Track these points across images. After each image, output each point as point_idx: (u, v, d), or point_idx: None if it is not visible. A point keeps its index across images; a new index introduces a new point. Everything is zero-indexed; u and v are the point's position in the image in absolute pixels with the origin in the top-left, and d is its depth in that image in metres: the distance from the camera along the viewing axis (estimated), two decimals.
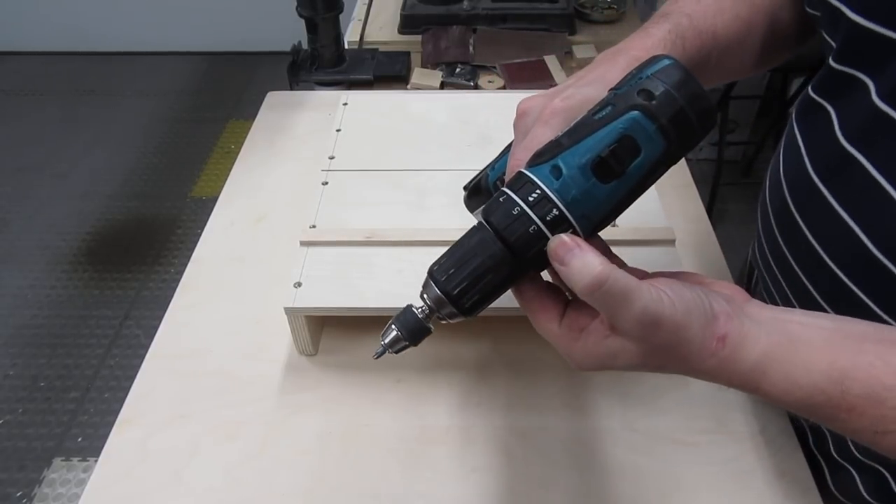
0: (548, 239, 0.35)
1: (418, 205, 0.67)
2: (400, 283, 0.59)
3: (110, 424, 0.59)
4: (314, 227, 0.65)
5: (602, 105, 0.36)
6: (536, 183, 0.35)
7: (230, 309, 0.68)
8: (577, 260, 0.34)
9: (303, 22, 1.01)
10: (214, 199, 0.81)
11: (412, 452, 0.56)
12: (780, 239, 0.55)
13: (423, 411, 0.59)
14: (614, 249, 0.62)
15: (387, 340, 0.41)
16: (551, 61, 1.08)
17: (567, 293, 0.39)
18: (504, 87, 1.04)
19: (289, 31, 1.31)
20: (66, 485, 1.49)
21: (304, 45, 1.06)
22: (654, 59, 0.35)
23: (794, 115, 0.53)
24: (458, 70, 1.06)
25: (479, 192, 0.51)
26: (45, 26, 2.93)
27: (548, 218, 0.35)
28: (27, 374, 1.71)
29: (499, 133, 0.77)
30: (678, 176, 0.83)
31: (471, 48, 1.10)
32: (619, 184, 0.35)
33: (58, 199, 2.25)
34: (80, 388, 1.68)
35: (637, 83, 0.35)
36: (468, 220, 0.64)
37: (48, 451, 1.55)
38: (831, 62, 0.47)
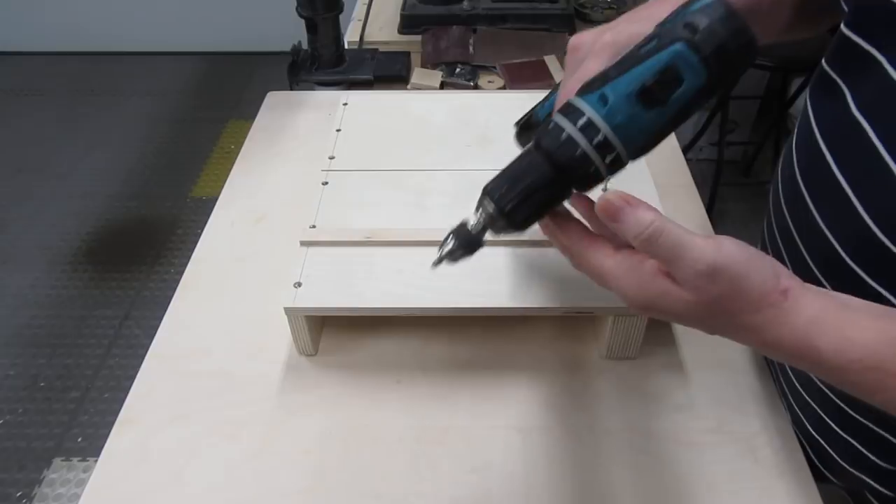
0: (594, 163, 0.38)
1: (418, 205, 0.67)
2: (400, 283, 0.59)
3: (110, 424, 0.59)
4: (314, 227, 0.65)
5: (648, 39, 0.38)
6: (584, 109, 0.38)
7: (230, 309, 0.68)
8: (629, 216, 0.37)
9: (303, 22, 1.01)
10: (214, 199, 0.81)
11: (412, 452, 0.56)
12: (784, 209, 0.55)
13: (423, 411, 0.59)
14: None
15: (445, 251, 0.44)
16: (551, 61, 1.07)
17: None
18: (504, 87, 1.04)
19: (289, 31, 1.31)
20: (66, 485, 1.49)
21: (304, 45, 1.06)
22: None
23: (808, 88, 0.54)
24: (458, 70, 1.06)
25: (529, 128, 0.53)
26: (45, 26, 2.93)
27: (594, 142, 0.38)
28: (27, 374, 1.71)
29: (499, 133, 0.77)
30: (678, 176, 0.83)
31: (471, 48, 1.10)
32: (662, 111, 0.38)
33: (58, 199, 2.25)
34: (80, 388, 1.68)
35: (682, 18, 0.37)
36: None
37: (48, 451, 1.55)
38: (843, 28, 0.47)
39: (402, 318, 0.65)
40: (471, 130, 0.77)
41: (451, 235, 0.43)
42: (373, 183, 0.70)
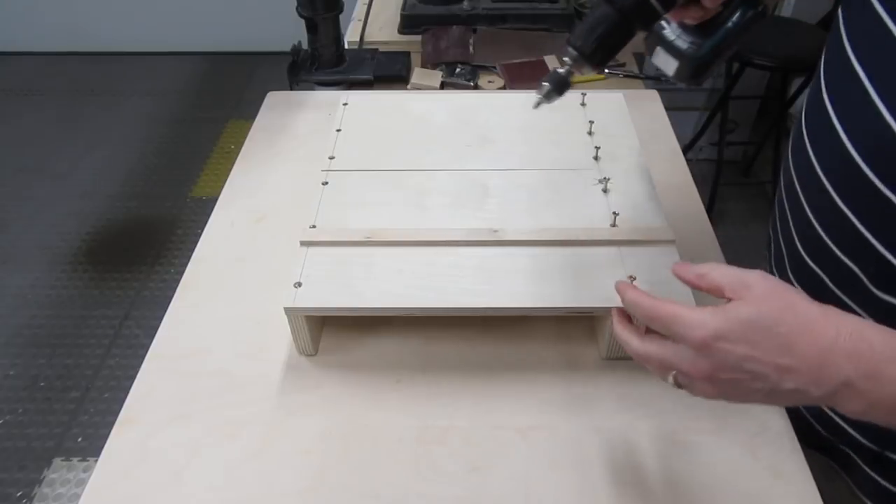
0: (649, 3, 0.46)
1: (418, 205, 0.67)
2: (400, 283, 0.59)
3: (110, 424, 0.59)
4: (314, 227, 0.65)
5: None
6: None
7: (230, 309, 0.68)
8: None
9: (303, 22, 1.01)
10: (214, 199, 0.81)
11: (412, 452, 0.56)
12: (790, 160, 0.58)
13: (423, 411, 0.59)
14: (615, 249, 0.63)
15: (543, 93, 0.52)
16: (551, 61, 1.08)
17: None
18: (504, 87, 1.04)
19: (289, 31, 1.31)
20: (66, 485, 1.49)
21: (304, 45, 1.06)
22: None
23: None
24: (458, 70, 1.06)
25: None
26: (45, 26, 2.93)
27: None
28: (27, 374, 1.71)
29: (499, 133, 0.77)
30: (678, 176, 0.83)
31: (471, 48, 1.10)
32: None
33: (58, 199, 2.25)
34: (80, 388, 1.68)
35: None
36: (467, 221, 0.64)
37: (48, 451, 1.55)
38: None
39: (402, 318, 0.65)
40: (471, 130, 0.77)
41: (544, 81, 0.52)
42: (373, 183, 0.70)
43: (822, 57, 0.56)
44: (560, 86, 0.51)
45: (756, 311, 0.41)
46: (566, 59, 0.51)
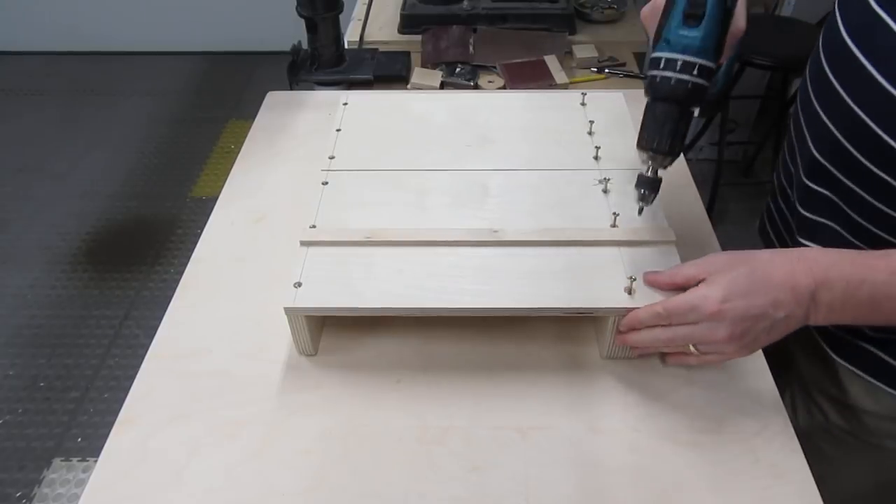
0: (689, 80, 0.51)
1: (418, 205, 0.67)
2: (400, 283, 0.59)
3: (110, 424, 0.59)
4: (314, 227, 0.65)
5: None
6: (660, 55, 0.52)
7: (230, 309, 0.68)
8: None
9: (303, 22, 1.01)
10: (214, 199, 0.81)
11: (412, 452, 0.56)
12: (811, 92, 0.62)
13: (423, 411, 0.59)
14: (615, 249, 0.63)
15: (639, 200, 0.58)
16: (551, 61, 1.08)
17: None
18: (504, 87, 1.04)
19: (289, 31, 1.31)
20: (65, 485, 1.49)
21: (304, 45, 1.06)
22: None
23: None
24: (458, 70, 1.06)
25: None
26: (45, 26, 2.93)
27: (678, 68, 0.51)
28: (27, 374, 1.71)
29: (499, 133, 0.77)
30: (678, 176, 0.83)
31: (471, 48, 1.10)
32: (708, 19, 0.50)
33: (58, 199, 2.25)
34: (80, 388, 1.68)
35: None
36: (468, 221, 0.64)
37: (48, 451, 1.55)
38: None
39: (402, 318, 0.65)
40: (471, 130, 0.77)
41: (637, 187, 0.57)
42: (373, 183, 0.70)
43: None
44: (654, 186, 0.56)
45: (733, 270, 0.51)
46: (647, 160, 0.55)
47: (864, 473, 0.68)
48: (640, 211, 0.59)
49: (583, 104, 0.81)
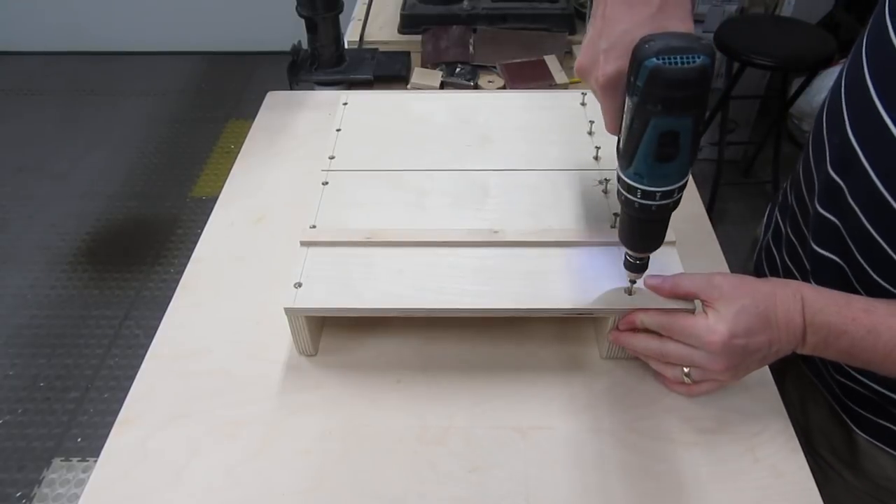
0: (674, 202, 0.48)
1: (418, 205, 0.67)
2: (400, 284, 0.59)
3: (110, 424, 0.59)
4: (314, 227, 0.65)
5: (630, 114, 0.45)
6: (635, 185, 0.48)
7: (230, 309, 0.68)
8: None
9: (303, 22, 1.01)
10: (214, 199, 0.81)
11: (412, 452, 0.56)
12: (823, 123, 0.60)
13: (423, 411, 0.59)
14: (615, 250, 0.63)
15: (628, 277, 0.57)
16: (551, 61, 1.08)
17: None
18: (504, 87, 1.04)
19: (289, 31, 1.31)
20: (65, 485, 1.49)
21: (304, 45, 1.06)
22: (639, 61, 0.42)
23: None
24: (458, 70, 1.06)
25: None
26: (45, 26, 2.93)
27: (659, 198, 0.48)
28: (27, 374, 1.71)
29: (499, 133, 0.77)
30: None
31: (471, 48, 1.10)
32: (680, 155, 0.45)
33: (58, 199, 2.25)
34: (80, 388, 1.68)
35: (638, 93, 0.43)
36: (467, 221, 0.64)
37: (48, 451, 1.55)
38: None
39: (402, 318, 0.65)
40: (471, 130, 0.77)
41: (626, 267, 0.56)
42: (373, 183, 0.70)
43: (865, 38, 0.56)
44: (642, 269, 0.56)
45: (738, 302, 0.51)
46: (628, 255, 0.55)
47: None
48: (630, 290, 0.57)
49: (583, 104, 0.81)
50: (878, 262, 0.54)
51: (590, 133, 0.76)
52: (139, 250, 2.08)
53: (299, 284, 0.59)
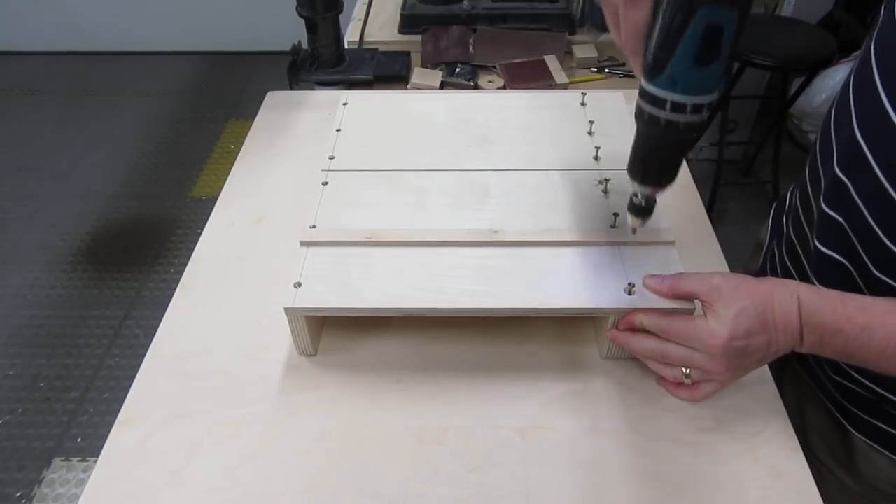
0: (696, 123, 0.45)
1: (418, 205, 0.67)
2: (400, 284, 0.59)
3: (110, 424, 0.59)
4: (314, 227, 0.65)
5: (671, 8, 0.41)
6: (664, 96, 0.44)
7: (230, 309, 0.68)
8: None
9: (303, 22, 1.01)
10: (214, 199, 0.81)
11: (412, 452, 0.56)
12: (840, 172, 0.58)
13: (423, 411, 0.59)
14: (615, 249, 0.63)
15: (631, 224, 0.57)
16: (551, 61, 1.08)
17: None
18: (504, 87, 1.04)
19: (289, 31, 1.31)
20: (65, 485, 1.49)
21: (304, 45, 1.06)
22: None
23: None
24: (458, 70, 1.06)
25: None
26: (45, 26, 2.93)
27: (688, 111, 0.44)
28: (27, 374, 1.71)
29: (499, 133, 0.77)
30: (678, 176, 0.83)
31: (471, 48, 1.10)
32: (721, 60, 0.42)
33: (58, 199, 2.25)
34: (80, 388, 1.68)
35: None
36: (467, 221, 0.64)
37: (48, 451, 1.55)
38: None
39: (402, 318, 0.65)
40: (471, 130, 0.77)
41: (630, 211, 0.55)
42: (373, 183, 0.70)
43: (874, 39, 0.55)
44: (646, 212, 0.54)
45: (738, 304, 0.51)
46: (636, 189, 0.53)
47: None
48: (634, 230, 0.58)
49: (583, 104, 0.81)
50: (881, 259, 0.54)
51: (590, 133, 0.76)
52: (139, 250, 2.08)
53: (299, 284, 0.59)
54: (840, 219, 0.58)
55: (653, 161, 0.49)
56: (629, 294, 0.57)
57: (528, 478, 0.54)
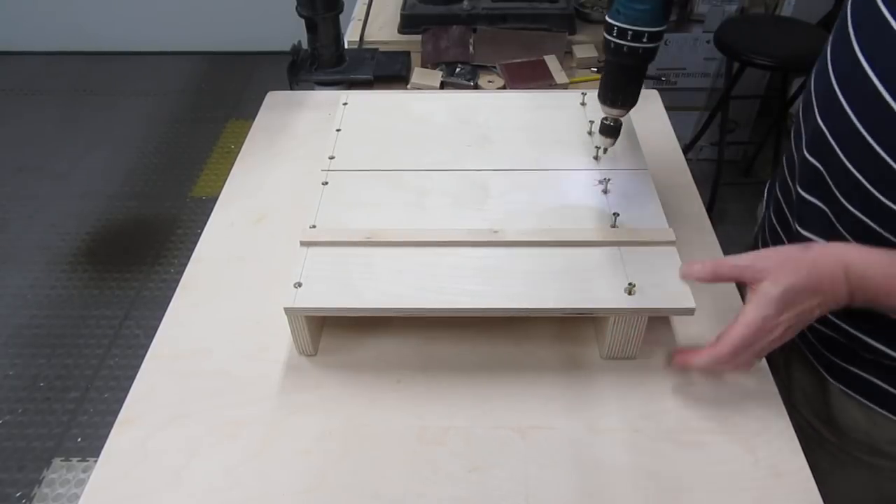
0: (643, 48, 0.56)
1: (418, 205, 0.67)
2: (400, 284, 0.59)
3: (110, 424, 0.59)
4: (314, 227, 0.65)
5: None
6: (614, 22, 0.56)
7: (230, 309, 0.68)
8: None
9: (303, 22, 1.01)
10: (214, 199, 0.81)
11: (412, 452, 0.56)
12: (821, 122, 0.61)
13: (423, 411, 0.59)
14: (615, 250, 0.63)
15: (601, 145, 0.66)
16: (551, 61, 1.07)
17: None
18: (504, 87, 1.04)
19: (289, 31, 1.31)
20: (65, 485, 1.49)
21: (304, 45, 1.06)
22: None
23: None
24: (458, 70, 1.06)
25: None
26: (45, 26, 2.93)
27: (630, 38, 0.55)
28: (27, 374, 1.71)
29: (499, 133, 0.77)
30: (678, 176, 0.83)
31: (471, 48, 1.10)
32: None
33: (58, 199, 2.25)
34: (80, 388, 1.68)
35: None
36: (467, 221, 0.64)
37: (48, 451, 1.55)
38: None
39: (402, 318, 0.65)
40: (471, 130, 0.77)
41: (601, 133, 0.64)
42: (373, 183, 0.70)
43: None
44: (614, 132, 0.63)
45: (785, 284, 0.52)
46: (608, 112, 0.62)
47: (861, 488, 0.69)
48: (603, 151, 0.67)
49: (583, 104, 0.81)
50: (858, 199, 0.57)
51: (590, 133, 0.76)
52: (139, 250, 2.07)
53: (299, 284, 0.59)
54: (819, 165, 0.61)
55: (609, 83, 0.59)
56: (629, 294, 0.57)
57: (528, 478, 0.54)
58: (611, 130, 0.63)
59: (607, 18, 0.56)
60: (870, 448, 0.66)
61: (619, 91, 0.59)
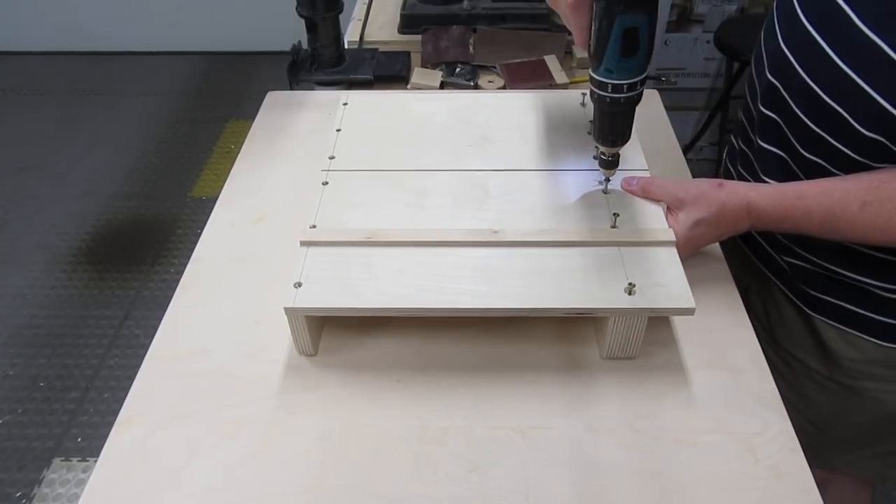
0: (634, 95, 0.58)
1: (418, 205, 0.67)
2: (400, 284, 0.59)
3: (110, 424, 0.59)
4: (314, 227, 0.65)
5: (598, 18, 0.54)
6: (606, 80, 0.57)
7: (230, 309, 0.68)
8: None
9: (303, 22, 1.01)
10: (214, 199, 0.81)
11: (412, 452, 0.56)
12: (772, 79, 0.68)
13: (423, 411, 0.59)
14: (615, 250, 0.63)
15: (602, 181, 0.68)
16: (551, 61, 1.07)
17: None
18: (504, 87, 1.04)
19: (289, 31, 1.31)
20: (65, 485, 1.49)
21: (304, 45, 1.06)
22: None
23: None
24: (458, 70, 1.06)
25: None
26: (45, 26, 2.93)
27: (625, 88, 0.57)
28: (27, 374, 1.71)
29: (499, 133, 0.77)
30: (678, 176, 0.83)
31: (471, 48, 1.10)
32: (643, 50, 0.54)
33: (58, 199, 2.25)
34: (80, 388, 1.68)
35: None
36: (467, 221, 0.64)
37: (48, 451, 1.55)
38: None
39: (402, 318, 0.65)
40: (471, 130, 0.77)
41: (600, 164, 0.66)
42: (373, 183, 0.70)
43: None
44: (611, 165, 0.65)
45: (696, 217, 0.63)
46: (598, 150, 0.65)
47: (850, 412, 0.75)
48: (606, 181, 0.68)
49: (583, 104, 0.81)
50: (813, 144, 0.64)
51: (590, 133, 0.76)
52: (139, 250, 2.07)
53: (299, 284, 0.59)
54: (775, 116, 0.68)
55: (608, 128, 0.61)
56: (629, 294, 0.57)
57: (528, 478, 0.54)
58: (610, 164, 0.65)
59: (597, 77, 0.57)
60: (854, 372, 0.72)
61: (616, 133, 0.61)
